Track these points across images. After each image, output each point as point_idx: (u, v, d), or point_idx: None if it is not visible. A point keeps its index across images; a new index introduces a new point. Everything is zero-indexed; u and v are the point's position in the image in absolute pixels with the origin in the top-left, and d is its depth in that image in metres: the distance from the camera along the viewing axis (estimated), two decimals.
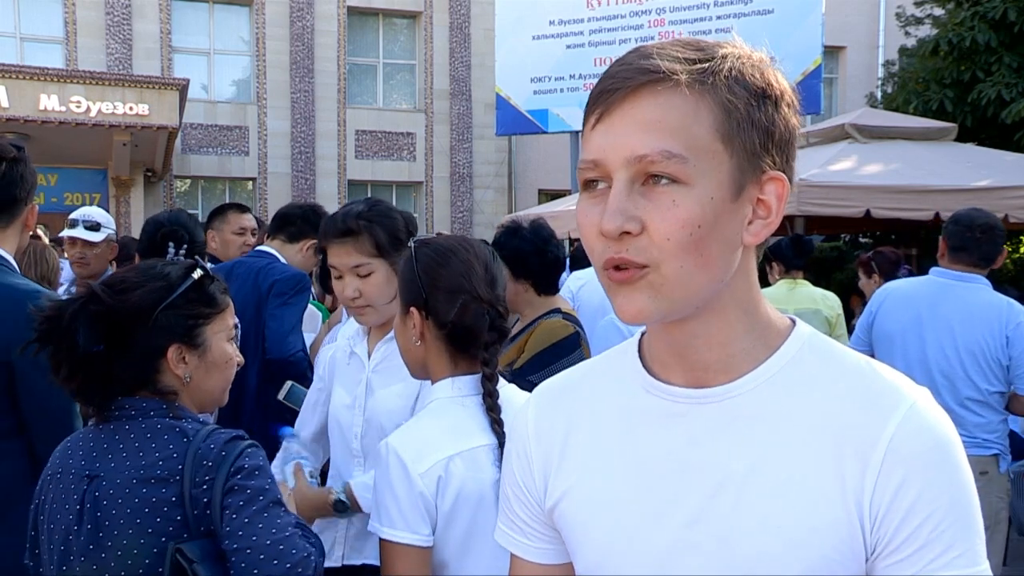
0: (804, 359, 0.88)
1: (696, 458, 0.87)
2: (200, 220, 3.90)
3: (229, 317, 1.55)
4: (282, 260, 3.30)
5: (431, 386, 1.61)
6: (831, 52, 16.95)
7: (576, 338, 2.73)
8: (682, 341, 0.88)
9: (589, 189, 0.84)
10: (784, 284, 4.63)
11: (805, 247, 4.75)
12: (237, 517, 1.31)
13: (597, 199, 0.82)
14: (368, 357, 2.03)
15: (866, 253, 5.49)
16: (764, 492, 0.83)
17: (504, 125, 12.22)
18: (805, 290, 4.63)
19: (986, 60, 10.24)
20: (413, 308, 1.57)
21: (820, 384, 0.86)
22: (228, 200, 15.05)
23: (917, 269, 6.95)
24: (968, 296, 3.20)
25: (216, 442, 1.36)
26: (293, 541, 1.33)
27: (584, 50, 11.34)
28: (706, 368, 0.88)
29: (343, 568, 2.02)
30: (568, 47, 11.46)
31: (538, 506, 1.01)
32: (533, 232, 2.81)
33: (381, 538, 1.46)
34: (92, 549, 1.31)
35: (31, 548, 1.44)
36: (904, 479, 0.79)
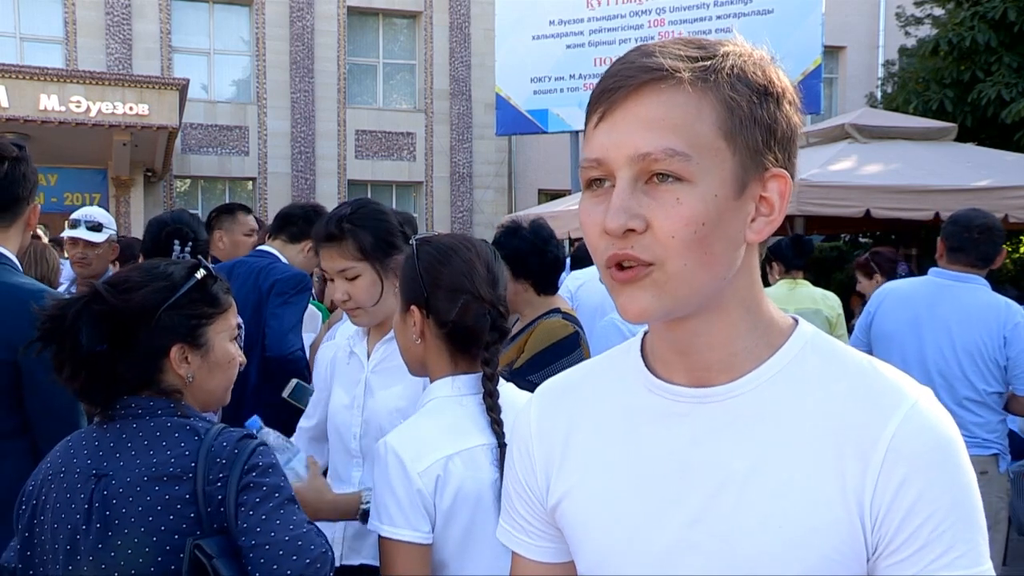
0: (806, 358, 0.88)
1: (698, 458, 0.87)
2: (199, 219, 3.90)
3: (232, 317, 1.55)
4: (283, 260, 3.31)
5: (429, 384, 1.61)
6: (831, 52, 16.95)
7: (576, 338, 2.73)
8: (685, 340, 0.88)
9: (592, 188, 0.84)
10: (784, 284, 4.63)
11: (805, 247, 4.76)
12: (254, 514, 1.31)
13: (600, 198, 0.82)
14: (367, 357, 2.03)
15: (862, 256, 5.47)
16: (765, 492, 0.83)
17: (504, 125, 12.22)
18: (805, 290, 4.63)
19: (986, 60, 10.24)
20: (414, 306, 1.57)
21: (822, 383, 0.86)
22: (228, 200, 15.07)
23: (917, 269, 6.96)
24: (966, 296, 3.20)
25: (228, 440, 1.37)
26: (311, 537, 1.34)
27: (584, 50, 11.34)
28: (708, 367, 0.88)
29: (341, 568, 2.02)
30: (568, 47, 11.46)
31: (540, 505, 1.01)
32: (533, 232, 2.82)
33: (381, 536, 1.46)
34: (101, 548, 1.31)
35: (22, 549, 1.42)
36: (905, 478, 0.79)
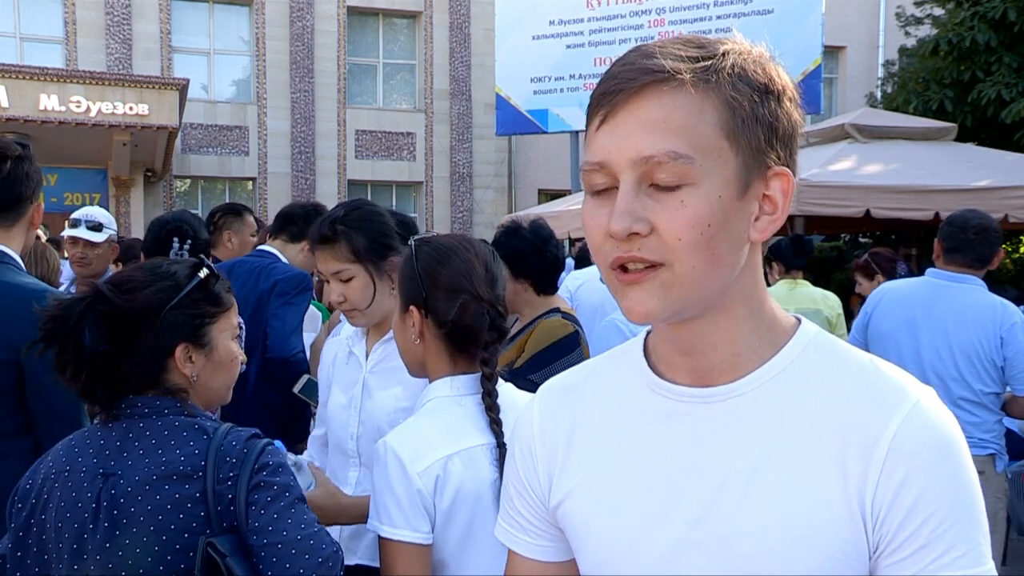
0: (809, 357, 0.88)
1: (700, 457, 0.87)
2: (200, 219, 3.91)
3: (233, 316, 1.55)
4: (283, 260, 3.31)
5: (428, 385, 1.61)
6: (831, 52, 16.95)
7: (576, 337, 2.74)
8: (688, 340, 0.87)
9: (595, 190, 0.84)
10: (784, 284, 4.64)
11: (805, 247, 4.76)
12: (265, 513, 1.31)
13: (603, 200, 0.82)
14: (366, 358, 2.02)
15: (860, 258, 5.46)
16: (768, 491, 0.83)
17: (504, 125, 12.23)
18: (805, 290, 4.63)
19: (986, 60, 10.24)
20: (413, 306, 1.57)
21: (825, 383, 0.86)
22: (228, 200, 15.08)
23: (917, 269, 6.96)
24: (962, 297, 3.20)
25: (237, 439, 1.37)
26: (322, 536, 1.34)
27: (584, 50, 11.35)
28: (712, 367, 0.88)
29: None
30: (568, 47, 11.47)
31: (542, 504, 1.01)
32: (533, 232, 2.82)
33: (381, 536, 1.46)
34: (109, 547, 1.31)
35: (14, 548, 1.40)
36: (906, 477, 0.79)
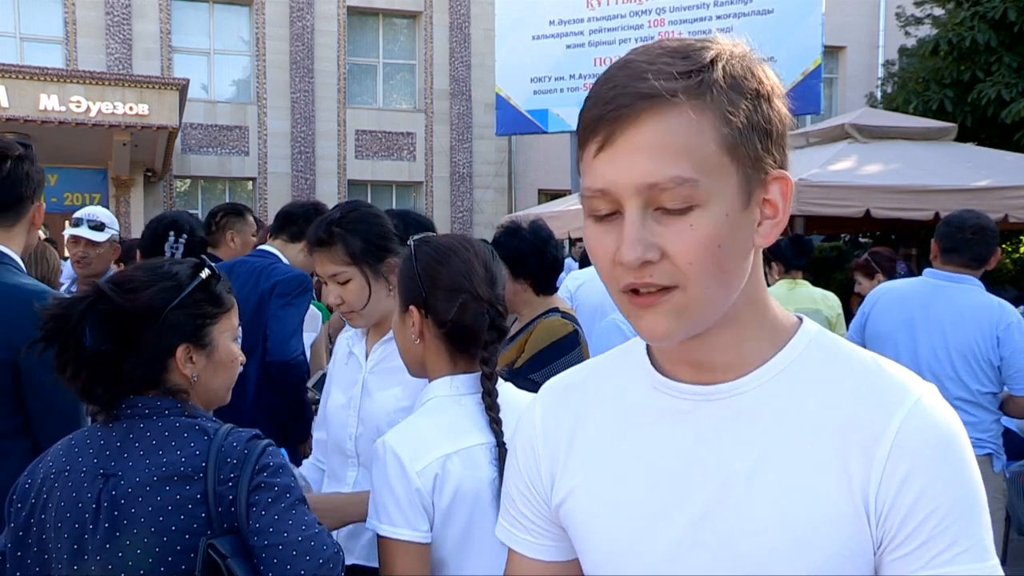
0: (811, 356, 0.88)
1: (703, 455, 0.87)
2: (199, 219, 3.92)
3: (234, 316, 1.56)
4: (284, 260, 3.29)
5: (428, 384, 1.61)
6: (831, 52, 16.95)
7: (575, 336, 2.75)
8: (696, 347, 0.88)
9: (597, 215, 0.82)
10: (784, 284, 4.63)
11: (805, 247, 4.76)
12: (266, 514, 1.32)
13: (608, 226, 0.82)
14: (366, 358, 2.02)
15: (860, 257, 5.46)
16: (771, 488, 0.83)
17: (504, 125, 12.23)
18: (805, 290, 4.63)
19: (986, 60, 10.25)
20: (412, 306, 1.57)
21: (827, 380, 0.86)
22: (228, 200, 15.08)
23: (917, 269, 6.96)
24: (959, 297, 3.21)
25: (238, 440, 1.37)
26: (323, 537, 1.34)
27: (584, 50, 11.35)
28: (716, 367, 0.89)
29: None
30: (568, 47, 11.47)
31: (544, 504, 1.01)
32: (532, 233, 2.83)
33: (380, 536, 1.46)
34: (109, 548, 1.31)
35: (13, 548, 1.40)
36: (909, 473, 0.79)
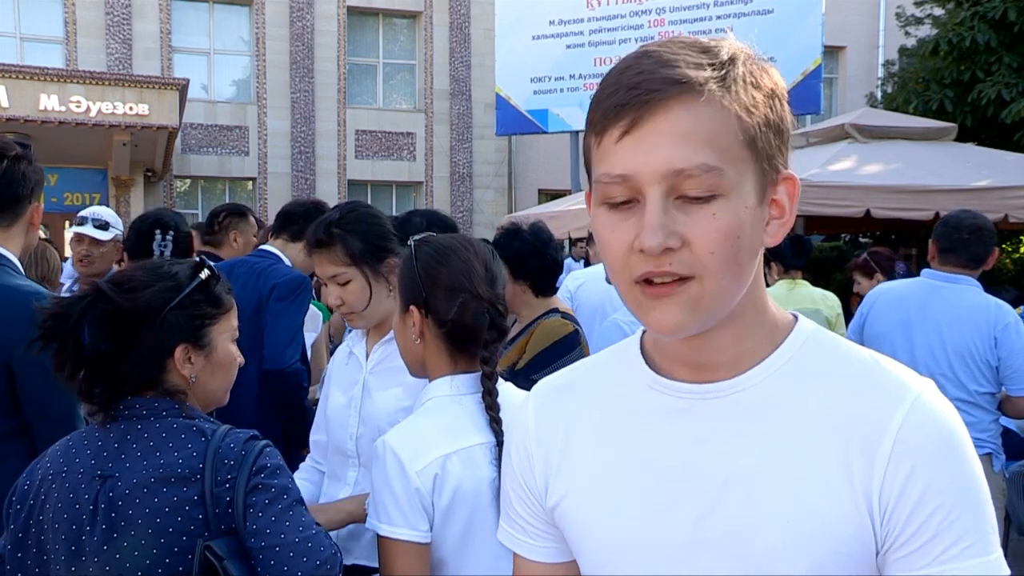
0: (808, 353, 0.88)
1: (702, 454, 0.87)
2: (200, 219, 3.92)
3: (233, 318, 1.55)
4: (285, 260, 3.27)
5: (428, 384, 1.61)
6: (831, 52, 16.95)
7: (576, 336, 2.76)
8: (697, 345, 0.87)
9: (613, 203, 0.82)
10: (784, 284, 4.63)
11: (804, 247, 4.76)
12: (263, 516, 1.31)
13: (625, 213, 0.81)
14: (366, 358, 2.02)
15: (859, 257, 5.46)
16: (772, 487, 0.83)
17: (504, 125, 12.22)
18: (804, 290, 4.63)
19: (986, 60, 10.25)
20: (413, 306, 1.57)
21: (825, 378, 0.86)
22: (228, 200, 15.09)
23: (917, 269, 6.95)
24: (956, 297, 3.21)
25: (235, 441, 1.37)
26: (320, 539, 1.34)
27: (584, 50, 11.34)
28: (715, 366, 0.88)
29: None
30: (568, 47, 11.46)
31: (540, 505, 1.00)
32: (533, 234, 2.84)
33: (379, 535, 1.46)
34: (106, 549, 1.31)
35: (13, 549, 1.40)
36: (912, 471, 0.79)
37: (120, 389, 1.42)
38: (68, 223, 14.88)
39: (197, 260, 1.54)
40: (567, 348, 2.67)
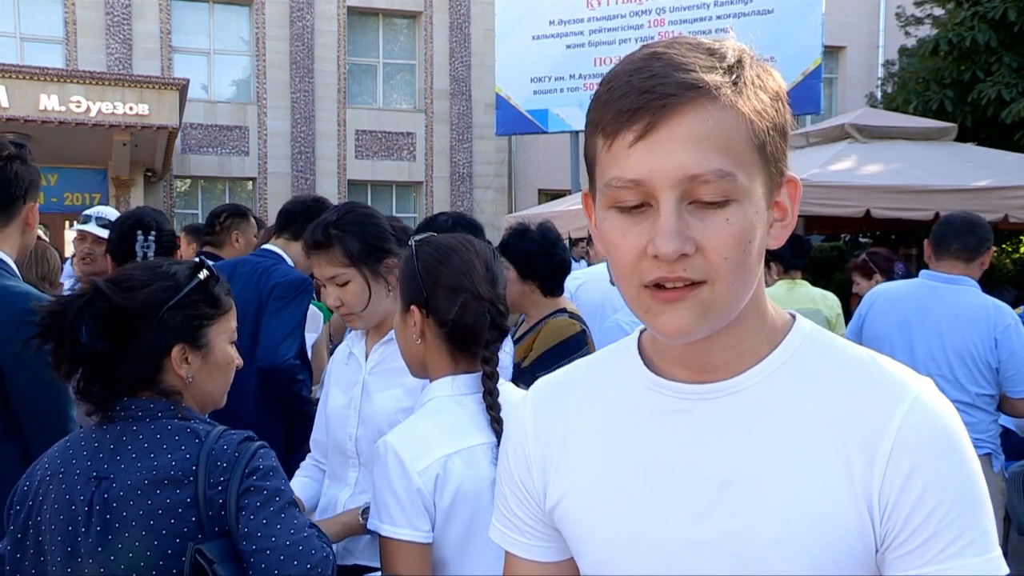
0: (806, 352, 0.88)
1: (701, 454, 0.87)
2: (200, 219, 3.92)
3: (232, 319, 1.55)
4: (287, 260, 3.25)
5: (429, 384, 1.61)
6: (831, 52, 16.95)
7: (582, 336, 2.77)
8: (701, 347, 0.87)
9: (623, 207, 0.81)
10: (783, 284, 4.62)
11: (803, 247, 4.75)
12: (255, 518, 1.31)
13: (636, 218, 0.80)
14: (365, 358, 2.02)
15: (858, 258, 5.46)
16: (771, 486, 0.83)
17: (504, 125, 12.22)
18: (804, 290, 4.63)
19: (986, 60, 10.25)
20: (414, 306, 1.57)
21: (824, 377, 0.86)
22: (228, 200, 15.09)
23: (916, 269, 6.96)
24: (955, 298, 3.21)
25: (229, 443, 1.36)
26: (311, 542, 1.33)
27: (584, 50, 11.34)
28: (714, 368, 0.88)
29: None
30: (568, 47, 11.46)
31: (537, 505, 1.00)
32: (541, 234, 2.85)
33: (381, 535, 1.46)
34: (101, 551, 1.31)
35: (12, 551, 1.40)
36: (912, 470, 0.80)
37: (117, 389, 1.42)
38: (68, 223, 14.89)
39: (197, 260, 1.54)
40: (573, 348, 2.68)
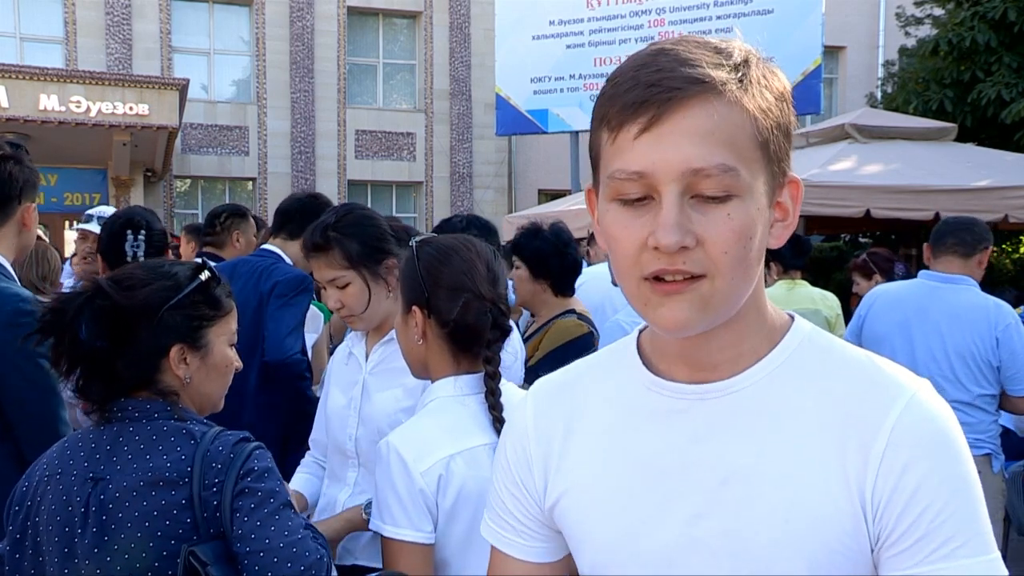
0: (805, 353, 0.89)
1: (699, 454, 0.87)
2: (200, 219, 3.92)
3: (232, 321, 1.55)
4: (286, 260, 3.27)
5: (431, 385, 1.60)
6: (831, 52, 16.94)
7: (590, 338, 2.78)
8: (700, 344, 0.88)
9: (626, 199, 0.81)
10: (783, 284, 4.62)
11: (803, 247, 4.75)
12: (249, 520, 1.31)
13: (638, 211, 0.81)
14: (365, 359, 2.02)
15: (858, 258, 5.46)
16: (768, 486, 0.83)
17: (504, 125, 12.21)
18: (804, 290, 4.62)
19: (986, 60, 10.25)
20: (415, 307, 1.57)
21: (821, 377, 0.86)
22: (228, 200, 15.09)
23: (916, 269, 6.96)
24: (955, 298, 3.21)
25: (224, 444, 1.36)
26: (306, 543, 1.33)
27: (584, 50, 11.33)
28: (713, 366, 0.89)
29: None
30: (568, 47, 11.45)
31: (536, 505, 1.00)
32: (554, 234, 2.86)
33: (383, 536, 1.46)
34: (98, 552, 1.31)
35: (11, 551, 1.40)
36: (905, 468, 0.80)
37: (115, 387, 1.42)
38: (68, 223, 14.89)
39: (199, 262, 1.54)
40: (580, 349, 2.68)
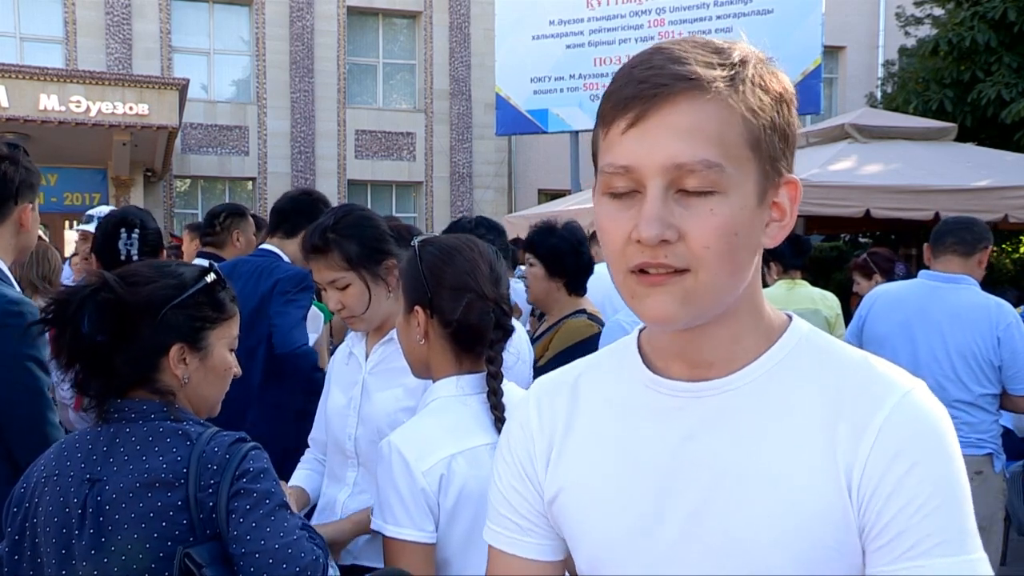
0: (801, 353, 0.89)
1: (693, 451, 0.88)
2: (199, 219, 3.93)
3: (234, 326, 1.55)
4: (285, 259, 3.28)
5: (433, 384, 1.61)
6: (831, 52, 16.95)
7: (599, 338, 2.77)
8: (692, 340, 0.88)
9: (614, 193, 0.83)
10: (783, 284, 4.62)
11: (803, 246, 4.75)
12: (244, 521, 1.31)
13: (625, 204, 0.82)
14: (366, 359, 2.01)
15: (859, 257, 5.46)
16: (762, 482, 0.84)
17: (504, 125, 12.21)
18: (804, 290, 4.62)
19: (986, 60, 10.25)
20: (418, 307, 1.57)
21: (817, 376, 0.87)
22: (228, 200, 15.09)
23: (916, 269, 6.96)
24: (956, 298, 3.21)
25: (220, 445, 1.36)
26: (301, 544, 1.33)
27: (584, 50, 11.33)
28: (709, 364, 0.89)
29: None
30: (568, 47, 11.45)
31: (541, 498, 1.01)
32: (569, 232, 2.86)
33: (385, 536, 1.46)
34: (95, 554, 1.31)
35: (10, 553, 1.40)
36: (891, 462, 0.80)
37: (113, 384, 1.42)
38: (68, 223, 14.88)
39: (207, 264, 1.54)
40: (590, 349, 2.68)
